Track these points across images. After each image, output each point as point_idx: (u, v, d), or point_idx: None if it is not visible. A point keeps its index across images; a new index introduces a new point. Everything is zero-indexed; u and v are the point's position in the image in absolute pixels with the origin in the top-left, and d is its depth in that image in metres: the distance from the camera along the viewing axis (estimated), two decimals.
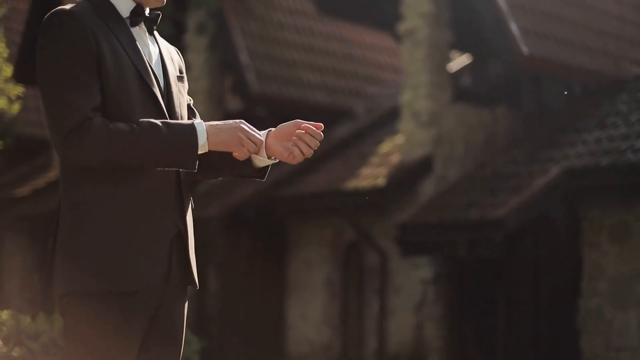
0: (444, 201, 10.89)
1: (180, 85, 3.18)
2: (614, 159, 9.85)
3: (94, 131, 2.83)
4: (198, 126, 2.93)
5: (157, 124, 2.89)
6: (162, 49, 3.18)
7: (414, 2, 12.33)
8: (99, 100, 2.90)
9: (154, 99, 3.01)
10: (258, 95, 14.41)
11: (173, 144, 2.89)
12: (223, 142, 2.95)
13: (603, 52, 11.96)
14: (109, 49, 2.94)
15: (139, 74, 2.99)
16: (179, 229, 3.04)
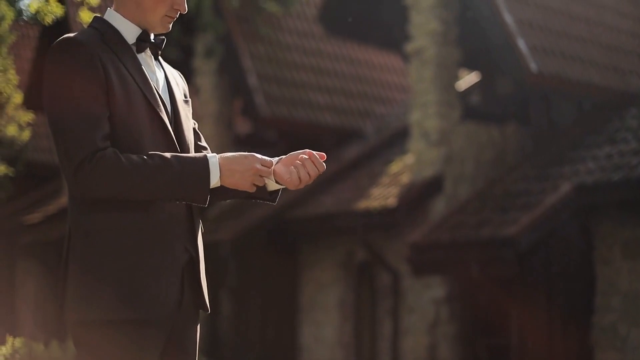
0: (456, 220, 10.86)
1: (187, 109, 3.17)
2: (625, 174, 9.81)
3: (105, 163, 2.82)
4: (211, 162, 2.91)
5: (169, 158, 2.87)
6: (167, 73, 3.17)
7: (422, 22, 12.34)
8: (108, 129, 2.88)
9: (162, 125, 3.00)
10: (267, 118, 14.43)
11: (185, 179, 2.87)
12: (235, 183, 2.94)
13: (611, 68, 11.94)
14: (117, 76, 2.93)
15: (146, 100, 2.98)
16: (191, 255, 3.03)
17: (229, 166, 2.92)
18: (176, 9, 3.06)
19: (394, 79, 16.85)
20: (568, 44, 11.69)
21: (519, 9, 11.39)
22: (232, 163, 2.92)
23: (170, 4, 3.05)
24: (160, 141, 2.97)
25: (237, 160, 2.93)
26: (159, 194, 2.87)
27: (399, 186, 12.49)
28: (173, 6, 3.06)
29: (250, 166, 2.92)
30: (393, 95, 16.49)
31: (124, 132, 2.91)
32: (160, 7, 3.04)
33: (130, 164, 2.83)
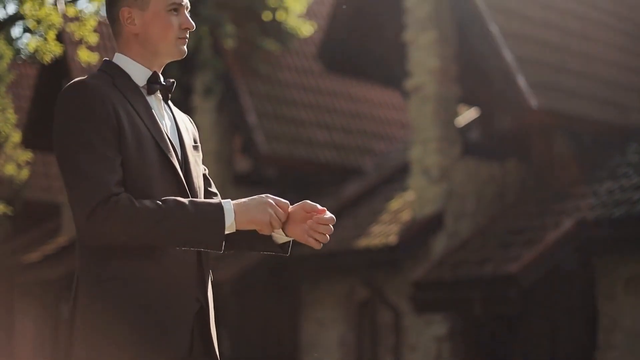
0: (457, 257, 10.79)
1: (196, 155, 3.15)
2: (627, 209, 9.77)
3: (120, 209, 2.78)
4: (226, 207, 2.89)
5: (183, 204, 2.84)
6: (177, 117, 3.16)
7: (421, 59, 12.35)
8: (121, 174, 2.85)
9: (172, 170, 2.98)
10: (267, 155, 14.40)
11: (200, 225, 2.84)
12: (252, 219, 2.92)
13: (611, 103, 11.93)
14: (128, 121, 2.91)
15: (157, 145, 2.96)
16: (201, 304, 3.00)
17: (242, 209, 2.90)
18: (184, 28, 3.06)
19: (393, 115, 16.85)
20: (567, 80, 11.68)
21: (518, 45, 11.39)
22: (245, 203, 2.92)
23: (177, 25, 3.05)
24: (171, 187, 2.95)
25: (251, 201, 2.93)
26: (173, 239, 2.84)
27: (399, 223, 12.44)
28: (181, 26, 3.06)
29: (264, 201, 2.91)
30: (392, 132, 16.48)
31: (134, 177, 2.88)
32: (169, 33, 3.04)
33: (145, 209, 2.80)
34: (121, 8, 3.04)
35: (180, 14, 3.07)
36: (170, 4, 3.05)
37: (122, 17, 3.04)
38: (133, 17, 3.03)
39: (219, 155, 15.18)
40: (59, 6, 12.39)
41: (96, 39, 10.36)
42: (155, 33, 3.03)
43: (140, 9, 3.03)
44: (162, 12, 3.04)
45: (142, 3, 3.03)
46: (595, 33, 12.81)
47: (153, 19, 3.03)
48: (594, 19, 13.05)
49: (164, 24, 3.03)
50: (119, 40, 3.09)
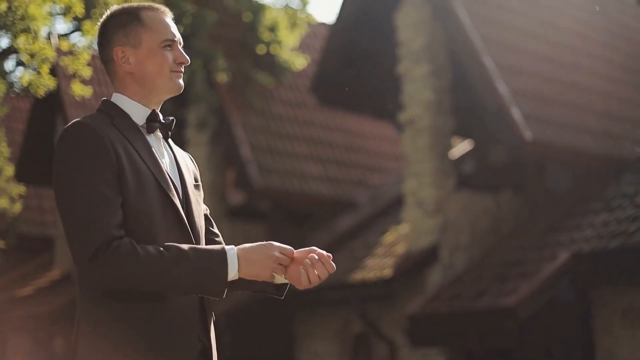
0: (453, 291, 10.74)
1: (197, 194, 3.12)
2: (623, 241, 9.74)
3: (122, 254, 2.75)
4: (229, 254, 2.84)
5: (186, 251, 2.80)
6: (177, 156, 3.13)
7: (415, 91, 12.36)
8: (121, 216, 2.82)
9: (174, 210, 2.95)
10: (261, 189, 14.36)
11: (203, 275, 2.80)
12: (256, 274, 2.88)
13: (605, 134, 11.94)
14: (128, 161, 2.88)
15: (158, 184, 2.93)
16: (204, 344, 2.97)
17: (247, 256, 2.86)
18: (179, 62, 3.05)
19: (387, 148, 16.85)
20: (561, 111, 11.70)
21: (512, 78, 11.41)
22: (250, 253, 2.87)
23: (172, 60, 3.04)
24: (172, 227, 2.92)
25: (255, 249, 2.88)
26: (175, 288, 2.81)
27: (394, 256, 12.39)
28: (175, 61, 3.05)
29: (269, 254, 2.88)
30: (386, 165, 16.47)
31: (135, 217, 2.85)
32: (164, 68, 3.03)
33: (147, 256, 2.76)
34: (114, 48, 3.04)
35: (174, 49, 3.06)
36: (164, 40, 3.04)
37: (116, 57, 3.04)
38: (127, 56, 3.03)
39: (212, 188, 15.14)
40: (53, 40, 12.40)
41: (90, 72, 10.33)
42: (151, 70, 3.02)
43: (134, 47, 3.03)
44: (156, 48, 3.03)
45: (135, 41, 3.03)
46: (588, 65, 12.85)
47: (147, 56, 3.02)
48: (587, 51, 13.09)
49: (158, 60, 3.02)
50: (115, 80, 3.07)
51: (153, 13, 3.08)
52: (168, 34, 3.06)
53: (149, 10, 3.09)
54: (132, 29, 3.03)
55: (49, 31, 13.12)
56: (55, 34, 15.15)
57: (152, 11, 3.09)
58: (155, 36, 3.04)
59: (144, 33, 3.03)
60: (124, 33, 3.04)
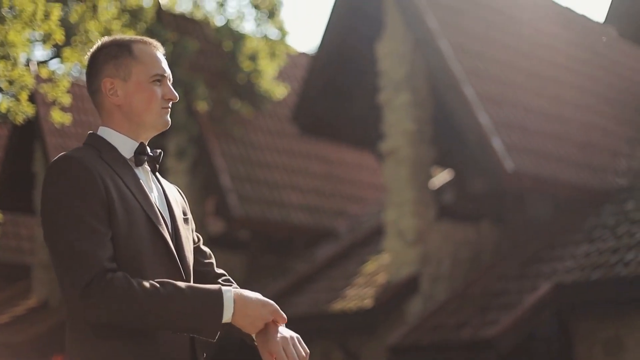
0: (435, 321, 10.69)
1: (186, 228, 3.09)
2: (605, 273, 9.73)
3: (116, 288, 2.70)
4: (226, 297, 2.80)
5: (182, 289, 2.76)
6: (166, 189, 3.10)
7: (396, 121, 12.35)
8: (112, 249, 2.77)
9: (164, 244, 2.91)
10: (240, 218, 14.29)
11: (198, 313, 2.75)
12: (244, 326, 2.84)
13: (586, 165, 11.96)
14: (117, 194, 2.85)
15: (147, 217, 2.89)
16: None
17: (243, 310, 2.82)
18: (167, 98, 3.03)
19: (367, 177, 16.83)
20: (542, 142, 11.72)
21: (493, 108, 11.43)
22: (247, 307, 2.83)
23: (161, 96, 3.02)
24: (162, 261, 2.89)
25: (254, 305, 2.84)
26: (168, 325, 2.75)
27: (375, 286, 12.34)
28: (164, 97, 3.02)
29: (264, 316, 2.84)
30: (366, 194, 16.45)
31: (125, 251, 2.81)
32: (152, 103, 3.00)
33: (142, 291, 2.71)
34: (103, 79, 3.01)
35: (163, 84, 3.04)
36: (153, 74, 3.02)
37: (104, 88, 3.01)
38: (115, 88, 3.00)
39: (192, 217, 15.05)
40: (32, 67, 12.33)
41: (69, 100, 10.27)
42: (138, 104, 2.99)
43: (123, 80, 3.00)
44: (145, 82, 3.01)
45: (125, 74, 3.00)
46: (569, 96, 12.90)
47: (136, 89, 2.99)
48: (569, 82, 13.14)
49: (147, 94, 3.00)
50: (102, 112, 3.04)
51: (145, 47, 3.06)
52: (158, 68, 3.03)
53: (141, 44, 3.06)
54: (122, 61, 3.01)
55: (28, 58, 13.05)
56: (35, 61, 15.09)
57: (144, 45, 3.07)
58: (146, 70, 3.01)
59: (134, 66, 3.01)
60: (114, 65, 3.01)
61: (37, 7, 8.86)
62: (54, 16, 9.17)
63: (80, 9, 10.42)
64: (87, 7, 10.63)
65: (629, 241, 10.15)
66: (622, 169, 12.23)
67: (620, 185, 11.83)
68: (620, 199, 11.48)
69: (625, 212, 11.01)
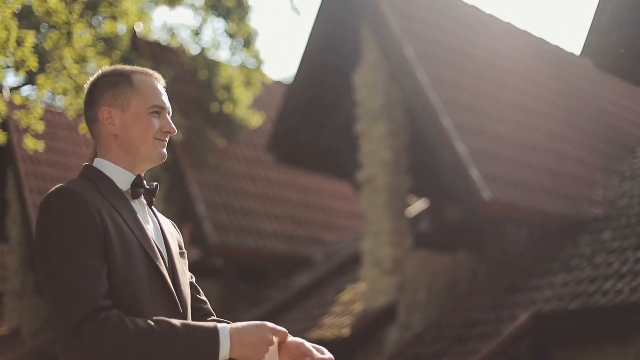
0: (412, 350, 10.69)
1: (183, 262, 3.03)
2: (583, 302, 9.78)
3: (109, 327, 2.63)
4: (222, 333, 2.74)
5: (177, 327, 2.69)
6: (162, 223, 3.04)
7: (373, 150, 12.39)
8: (107, 285, 2.71)
9: (161, 278, 2.85)
10: (215, 246, 14.25)
11: (193, 352, 2.69)
12: (247, 355, 2.76)
13: (563, 195, 12.04)
14: (114, 228, 2.79)
15: (144, 252, 2.83)
16: None
17: (240, 337, 2.74)
18: (165, 131, 2.97)
19: (342, 205, 16.84)
20: (518, 172, 11.78)
21: (470, 138, 11.49)
22: (243, 335, 2.75)
23: (159, 127, 2.96)
24: (159, 295, 2.83)
25: (249, 331, 2.77)
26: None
27: (351, 315, 12.32)
28: (162, 129, 2.96)
29: (262, 337, 2.76)
30: (342, 222, 16.45)
31: (121, 286, 2.75)
32: (149, 134, 2.94)
33: (136, 330, 2.65)
34: (101, 107, 2.96)
35: (161, 116, 2.98)
36: (152, 106, 2.96)
37: (101, 117, 2.95)
38: (113, 117, 2.95)
39: None
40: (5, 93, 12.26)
41: (42, 126, 10.21)
42: (135, 134, 2.94)
43: (121, 110, 2.95)
44: (143, 113, 2.95)
45: (123, 104, 2.95)
46: (545, 125, 12.99)
47: (133, 120, 2.94)
48: (544, 113, 13.24)
49: (144, 125, 2.94)
50: (99, 142, 2.99)
51: (145, 77, 3.01)
52: (157, 100, 2.98)
53: (142, 74, 3.02)
54: (121, 91, 2.96)
55: (0, 84, 12.98)
56: (8, 87, 15.01)
57: (145, 75, 3.02)
58: (144, 101, 2.96)
59: (133, 96, 2.96)
60: (113, 94, 2.96)
61: (10, 34, 8.81)
62: (28, 43, 9.12)
63: (55, 36, 10.37)
64: (62, 34, 10.58)
65: (606, 271, 10.21)
66: (597, 198, 12.32)
67: (596, 215, 11.91)
68: (596, 229, 11.56)
69: (601, 242, 11.08)
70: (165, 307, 2.82)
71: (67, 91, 10.53)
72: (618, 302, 9.45)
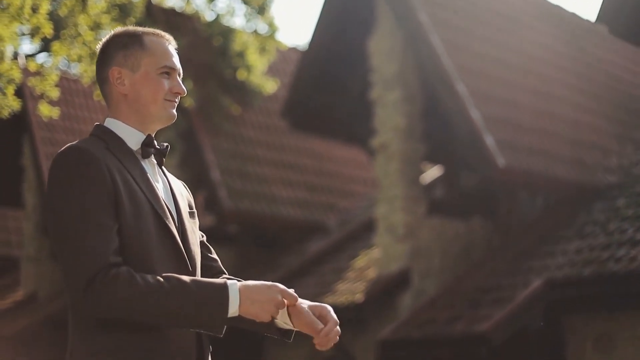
0: (426, 316, 10.73)
1: (192, 222, 3.06)
2: (596, 269, 9.79)
3: (120, 283, 2.67)
4: (231, 289, 2.76)
5: (187, 284, 2.72)
6: (172, 183, 3.07)
7: (387, 117, 12.38)
8: (117, 242, 2.74)
9: (171, 237, 2.88)
10: (230, 212, 14.30)
11: (202, 308, 2.72)
12: (254, 314, 2.78)
13: (577, 162, 12.02)
14: (125, 187, 2.82)
15: (154, 211, 2.86)
16: None
17: (249, 295, 2.77)
18: (175, 92, 2.99)
19: (357, 172, 16.86)
20: (533, 139, 11.76)
21: (485, 105, 11.46)
22: (253, 292, 2.77)
23: (168, 88, 2.98)
24: (169, 254, 2.85)
25: (259, 290, 2.78)
26: (172, 320, 2.73)
27: (365, 281, 12.37)
28: (172, 90, 2.99)
29: (272, 297, 2.78)
30: (356, 189, 16.48)
31: (131, 244, 2.78)
32: (159, 95, 2.97)
33: (146, 286, 2.68)
34: (111, 67, 2.99)
35: (172, 77, 3.00)
36: (162, 66, 2.99)
37: (112, 77, 2.98)
38: (123, 78, 2.97)
39: None
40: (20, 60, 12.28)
41: (57, 93, 10.24)
42: (145, 95, 2.96)
43: (131, 70, 2.98)
44: (153, 74, 2.98)
45: (133, 64, 2.98)
46: (561, 93, 12.95)
47: (143, 80, 2.97)
48: (560, 80, 13.19)
49: (153, 85, 2.97)
50: (110, 102, 3.01)
51: (156, 38, 3.04)
52: (168, 61, 3.00)
53: (153, 36, 3.04)
54: (132, 52, 2.98)
55: (15, 51, 13.00)
56: (23, 55, 15.03)
57: (156, 37, 3.04)
58: (154, 62, 2.98)
59: (143, 57, 2.98)
60: (124, 54, 2.99)
61: (25, 1, 8.81)
62: (43, 9, 9.13)
63: (70, 3, 10.38)
64: (77, 0, 10.59)
65: (620, 238, 10.21)
66: (612, 166, 12.29)
67: (610, 183, 11.89)
68: (610, 196, 11.54)
69: (615, 209, 11.07)
70: (174, 265, 2.85)
71: (82, 58, 10.56)
72: (631, 269, 9.46)
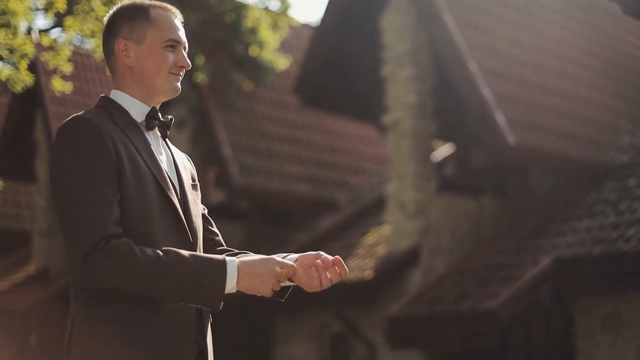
0: (435, 293, 10.76)
1: (195, 194, 3.08)
2: (606, 248, 9.78)
3: (118, 254, 2.69)
4: (230, 266, 2.77)
5: (186, 259, 2.74)
6: (175, 155, 3.09)
7: (398, 94, 12.38)
8: (119, 214, 2.77)
9: (173, 209, 2.90)
10: (241, 188, 14.34)
11: (200, 285, 2.73)
12: (254, 288, 2.79)
13: (588, 141, 12.00)
14: (128, 159, 2.84)
15: (157, 183, 2.88)
16: (200, 347, 2.94)
17: (248, 270, 2.78)
18: (180, 65, 3.01)
19: (368, 149, 16.86)
20: (544, 117, 11.74)
21: (496, 83, 11.45)
22: (251, 267, 2.79)
23: (173, 61, 3.00)
24: (171, 226, 2.88)
25: (257, 264, 2.80)
26: (169, 294, 2.74)
27: (375, 258, 12.40)
28: (177, 63, 3.01)
29: (270, 269, 2.79)
30: (367, 166, 16.49)
31: (133, 216, 2.80)
32: (163, 68, 2.99)
33: (145, 259, 2.70)
34: (117, 40, 3.01)
35: (177, 51, 3.02)
36: (168, 39, 3.00)
37: (117, 49, 3.00)
38: (128, 50, 2.99)
39: None
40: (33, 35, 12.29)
41: (70, 68, 10.25)
42: (150, 67, 2.98)
43: (137, 43, 2.99)
44: (158, 47, 2.99)
45: (139, 37, 3.00)
46: (572, 71, 12.91)
47: (148, 53, 2.99)
48: (572, 58, 13.15)
49: (158, 58, 2.98)
50: (115, 74, 3.04)
51: (162, 12, 3.05)
52: (173, 34, 3.01)
53: (159, 9, 3.05)
54: (138, 24, 3.00)
55: (29, 26, 13.02)
56: (36, 29, 15.05)
57: (162, 10, 3.05)
58: (160, 35, 3.00)
59: (149, 30, 3.00)
60: (129, 27, 3.00)
61: None
62: None
63: None
64: None
65: (630, 217, 10.20)
66: (623, 145, 12.27)
67: (621, 162, 11.87)
68: (621, 176, 11.52)
69: (626, 189, 11.06)
70: (175, 237, 2.87)
71: (95, 33, 10.56)
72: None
